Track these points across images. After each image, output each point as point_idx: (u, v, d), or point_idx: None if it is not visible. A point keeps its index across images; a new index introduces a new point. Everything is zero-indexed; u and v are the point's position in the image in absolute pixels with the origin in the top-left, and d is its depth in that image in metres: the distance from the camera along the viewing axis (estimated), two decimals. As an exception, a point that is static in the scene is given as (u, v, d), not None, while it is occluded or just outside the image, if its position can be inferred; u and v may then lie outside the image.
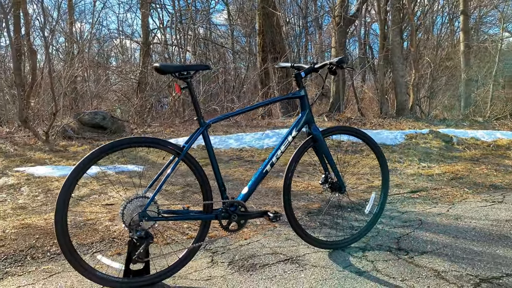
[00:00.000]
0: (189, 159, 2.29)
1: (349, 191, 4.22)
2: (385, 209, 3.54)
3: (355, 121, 8.88)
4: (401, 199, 4.00)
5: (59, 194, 2.01)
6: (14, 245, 2.87)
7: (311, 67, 2.55)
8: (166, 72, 2.20)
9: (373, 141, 2.82)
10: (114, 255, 2.67)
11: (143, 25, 13.98)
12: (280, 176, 4.91)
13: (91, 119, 8.56)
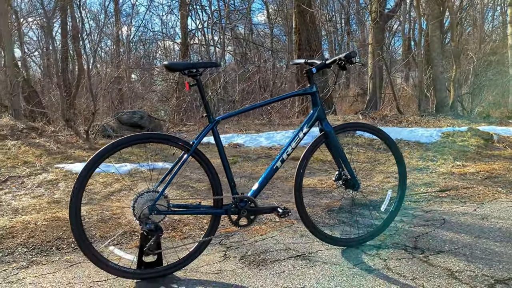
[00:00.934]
0: (198, 154, 2.35)
1: (374, 189, 4.16)
2: (408, 208, 3.48)
3: (391, 119, 8.68)
4: (428, 198, 3.89)
5: (73, 188, 2.12)
6: (43, 236, 3.04)
7: (322, 63, 2.55)
8: (175, 70, 2.27)
9: (388, 137, 2.77)
10: (133, 247, 2.78)
11: (182, 26, 14.30)
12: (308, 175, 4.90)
13: (129, 118, 8.86)
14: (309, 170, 5.09)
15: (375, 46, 10.06)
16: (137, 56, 22.55)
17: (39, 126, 9.05)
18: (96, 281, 2.30)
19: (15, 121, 9.34)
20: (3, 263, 2.62)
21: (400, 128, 7.34)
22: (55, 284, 2.29)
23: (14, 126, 8.85)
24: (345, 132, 2.70)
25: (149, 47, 22.74)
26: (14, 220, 3.45)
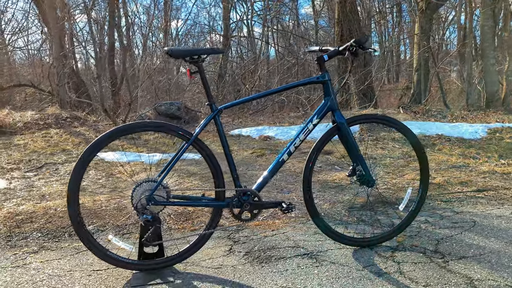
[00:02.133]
0: (199, 144, 2.26)
1: (403, 186, 3.92)
2: (437, 208, 3.25)
3: (434, 113, 8.22)
4: (462, 198, 3.61)
5: (70, 178, 2.10)
6: (59, 222, 3.09)
7: (335, 49, 2.38)
8: (177, 56, 2.18)
9: (408, 130, 2.56)
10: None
11: (224, 18, 14.30)
12: (334, 169, 4.73)
13: (166, 109, 8.96)
14: (337, 164, 4.90)
15: (421, 36, 9.55)
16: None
17: (82, 116, 9.36)
18: (97, 270, 2.29)
19: (61, 110, 9.72)
20: (16, 247, 2.67)
21: (442, 123, 6.93)
22: (57, 270, 2.29)
23: (59, 115, 9.21)
24: (361, 124, 2.51)
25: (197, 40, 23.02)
26: (38, 205, 3.53)
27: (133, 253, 2.32)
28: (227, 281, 2.14)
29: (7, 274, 2.25)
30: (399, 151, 5.49)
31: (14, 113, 9.39)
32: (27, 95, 15.15)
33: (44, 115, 9.25)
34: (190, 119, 9.01)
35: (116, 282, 2.14)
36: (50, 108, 10.13)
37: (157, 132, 2.28)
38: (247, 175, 4.54)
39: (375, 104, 10.64)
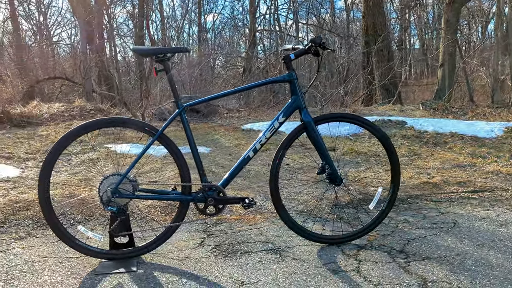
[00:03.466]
0: (164, 139, 2.35)
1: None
2: (424, 208, 3.22)
3: (455, 110, 8.00)
4: (454, 199, 3.54)
5: (40, 171, 2.23)
6: (51, 211, 3.26)
7: (302, 48, 2.40)
8: (142, 55, 2.27)
9: (377, 129, 2.55)
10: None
11: (250, 12, 14.33)
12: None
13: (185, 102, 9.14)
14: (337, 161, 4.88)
15: (446, 30, 9.26)
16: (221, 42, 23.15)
17: (105, 108, 9.68)
18: (70, 257, 2.42)
19: (86, 102, 10.09)
20: (5, 233, 2.85)
21: (458, 121, 6.74)
22: (33, 256, 2.44)
23: (83, 107, 9.57)
24: (327, 123, 2.51)
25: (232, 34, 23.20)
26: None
27: (104, 242, 2.44)
28: (186, 273, 2.22)
29: (-12, 258, 2.42)
30: (406, 149, 5.41)
31: (43, 105, 9.82)
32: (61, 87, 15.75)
33: (70, 107, 9.64)
34: (208, 112, 9.16)
35: (83, 270, 2.27)
36: (77, 101, 10.53)
37: (123, 127, 2.37)
38: (245, 169, 4.60)
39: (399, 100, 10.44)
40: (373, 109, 8.37)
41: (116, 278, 2.18)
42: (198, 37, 24.62)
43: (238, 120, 8.12)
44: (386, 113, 7.65)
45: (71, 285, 2.10)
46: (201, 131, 7.14)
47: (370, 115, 7.41)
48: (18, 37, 17.35)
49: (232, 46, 20.88)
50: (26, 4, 18.33)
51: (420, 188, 3.84)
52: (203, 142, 6.34)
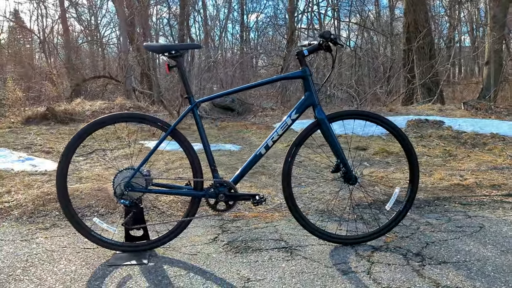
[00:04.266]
0: (177, 135, 2.37)
1: (425, 187, 3.74)
2: (451, 210, 3.10)
3: (500, 110, 7.60)
4: (486, 202, 3.36)
5: (58, 164, 2.32)
6: (78, 203, 3.38)
7: (315, 44, 2.35)
8: (154, 51, 2.31)
9: (394, 127, 2.46)
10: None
11: (289, 9, 14.26)
12: (363, 166, 4.61)
13: (221, 101, 9.22)
14: (367, 160, 4.77)
15: (492, 26, 8.81)
16: (263, 41, 23.23)
17: (144, 106, 9.94)
18: (87, 248, 2.50)
19: (126, 100, 10.41)
20: (33, 223, 2.99)
21: (500, 121, 6.40)
22: (53, 246, 2.55)
23: (123, 105, 9.86)
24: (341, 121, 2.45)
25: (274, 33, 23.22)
26: (70, 187, 3.88)
27: (122, 235, 2.50)
28: (195, 267, 2.24)
29: (12, 246, 2.54)
30: (441, 150, 5.19)
31: (86, 102, 10.22)
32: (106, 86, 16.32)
33: (111, 104, 9.97)
34: (243, 111, 9.21)
35: (97, 260, 2.34)
36: (118, 98, 10.88)
37: (138, 123, 2.42)
38: (271, 167, 4.59)
39: (440, 99, 10.07)
40: (410, 108, 8.11)
41: (127, 270, 2.23)
42: (240, 37, 24.84)
43: (271, 118, 8.11)
44: (424, 113, 7.39)
45: (84, 275, 2.17)
46: (233, 129, 7.19)
47: (406, 114, 7.19)
48: (68, 38, 18.14)
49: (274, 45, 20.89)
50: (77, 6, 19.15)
51: (450, 190, 3.68)
52: (234, 140, 6.38)
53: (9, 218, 3.11)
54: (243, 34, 24.54)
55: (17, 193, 3.71)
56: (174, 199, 3.39)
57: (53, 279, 2.11)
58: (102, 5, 19.96)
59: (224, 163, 4.82)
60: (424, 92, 10.02)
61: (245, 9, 23.90)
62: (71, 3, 17.92)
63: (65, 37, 17.63)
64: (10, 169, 4.76)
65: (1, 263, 2.30)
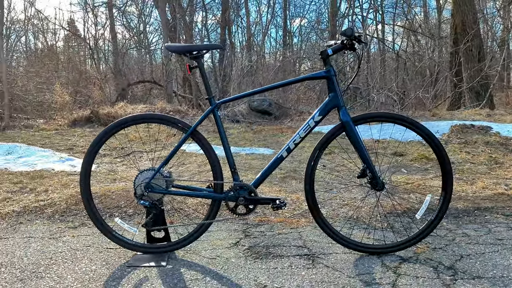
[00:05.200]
0: (197, 136, 2.34)
1: (467, 196, 3.52)
2: (492, 222, 2.89)
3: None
4: (533, 213, 3.11)
5: (82, 163, 2.35)
6: (107, 203, 3.44)
7: (339, 43, 2.25)
8: (176, 52, 2.29)
9: (426, 131, 2.31)
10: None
11: (331, 12, 14.08)
12: (400, 172, 4.42)
13: (258, 105, 9.20)
14: (405, 167, 4.57)
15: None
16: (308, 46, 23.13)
17: (184, 110, 10.09)
18: (110, 248, 2.52)
19: (166, 104, 10.61)
20: (63, 222, 3.06)
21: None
22: (79, 245, 2.58)
23: (164, 109, 10.05)
24: (368, 123, 2.33)
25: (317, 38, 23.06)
26: (103, 188, 3.97)
27: (140, 235, 2.50)
28: (212, 272, 2.19)
29: (39, 243, 2.60)
30: (486, 157, 4.89)
31: (129, 106, 10.51)
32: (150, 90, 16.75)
33: (152, 108, 10.19)
34: (280, 115, 9.14)
35: (117, 261, 2.34)
36: (159, 102, 11.12)
37: (159, 124, 2.41)
38: (303, 172, 4.48)
39: (490, 104, 9.57)
40: (456, 113, 7.73)
41: (145, 271, 2.21)
42: (283, 42, 24.79)
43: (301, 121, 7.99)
44: (470, 118, 7.02)
45: (103, 275, 2.17)
46: (269, 133, 7.14)
47: (450, 119, 6.86)
48: (115, 44, 18.80)
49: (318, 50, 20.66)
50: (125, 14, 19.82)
51: (493, 200, 3.44)
52: (268, 143, 6.32)
53: (42, 216, 3.20)
54: (285, 39, 24.48)
55: (53, 192, 3.82)
56: (201, 201, 3.37)
57: (72, 278, 2.13)
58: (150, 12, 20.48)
59: (256, 167, 4.76)
60: (472, 96, 9.54)
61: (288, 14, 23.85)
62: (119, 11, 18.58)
63: (113, 43, 18.27)
64: (51, 169, 4.94)
65: (27, 260, 2.35)
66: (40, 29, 22.37)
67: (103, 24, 19.61)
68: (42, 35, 22.81)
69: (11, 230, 2.88)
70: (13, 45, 21.42)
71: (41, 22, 21.84)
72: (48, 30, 22.52)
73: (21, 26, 22.35)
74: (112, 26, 18.36)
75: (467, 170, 4.38)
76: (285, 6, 22.76)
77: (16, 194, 3.79)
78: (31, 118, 10.51)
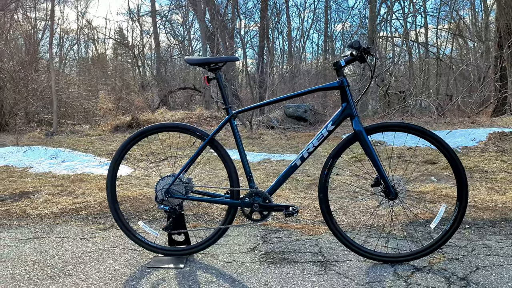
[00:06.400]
0: (215, 144, 2.45)
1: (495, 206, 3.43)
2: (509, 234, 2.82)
3: None
4: None
5: (108, 169, 2.52)
6: (137, 206, 3.62)
7: (349, 55, 2.29)
8: (195, 64, 2.41)
9: (441, 141, 2.29)
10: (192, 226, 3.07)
11: (370, 18, 13.93)
12: (429, 180, 4.35)
13: (294, 111, 9.27)
14: (435, 175, 4.49)
15: None
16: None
17: (220, 116, 10.30)
18: (134, 249, 2.67)
19: (204, 110, 10.86)
20: (95, 223, 3.26)
21: None
22: (106, 246, 2.75)
23: (201, 115, 10.31)
24: (381, 133, 2.35)
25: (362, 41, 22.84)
26: (136, 191, 4.17)
27: (164, 238, 2.64)
28: (226, 275, 2.29)
29: (71, 243, 2.80)
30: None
31: (168, 112, 10.85)
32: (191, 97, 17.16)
33: (190, 114, 10.48)
34: (315, 121, 9.15)
35: (139, 262, 2.49)
36: (198, 108, 11.41)
37: (179, 132, 2.54)
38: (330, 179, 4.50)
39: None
40: (496, 120, 7.45)
41: (163, 272, 2.34)
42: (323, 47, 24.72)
43: (342, 128, 7.95)
44: (511, 125, 6.75)
45: (124, 274, 2.32)
46: (302, 139, 7.17)
47: (489, 127, 6.63)
48: (159, 52, 19.43)
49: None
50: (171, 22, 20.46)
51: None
52: (299, 150, 6.31)
53: (77, 217, 3.42)
54: (326, 45, 24.40)
55: (89, 195, 4.06)
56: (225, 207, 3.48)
57: (96, 276, 2.29)
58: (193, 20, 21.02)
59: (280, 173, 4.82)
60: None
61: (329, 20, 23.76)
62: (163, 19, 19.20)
63: (156, 51, 18.89)
64: (90, 173, 5.22)
65: (58, 258, 2.54)
66: (91, 38, 23.52)
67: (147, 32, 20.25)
68: (92, 44, 23.99)
69: (48, 230, 3.10)
70: (66, 54, 22.63)
71: (92, 31, 22.97)
72: (97, 39, 23.61)
73: (74, 35, 23.58)
74: (155, 34, 19.02)
75: (500, 179, 4.25)
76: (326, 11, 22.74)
77: (56, 196, 4.06)
78: (78, 124, 11.08)
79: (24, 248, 2.72)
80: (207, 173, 5.21)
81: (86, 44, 24.96)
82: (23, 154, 6.26)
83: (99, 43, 24.39)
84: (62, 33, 23.20)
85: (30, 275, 2.30)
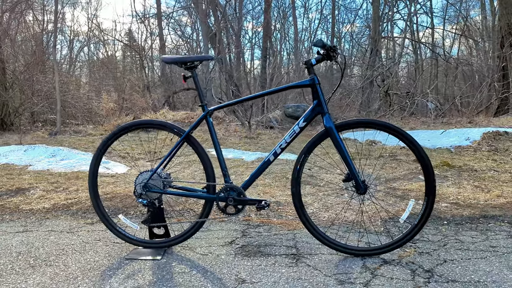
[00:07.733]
0: (191, 140, 2.53)
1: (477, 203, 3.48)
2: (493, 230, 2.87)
3: None
4: (542, 222, 3.03)
5: (90, 165, 2.61)
6: (126, 202, 3.72)
7: (317, 55, 2.36)
8: (171, 63, 2.50)
9: (410, 138, 2.35)
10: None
11: (373, 18, 13.95)
12: (417, 179, 4.40)
13: (293, 111, 9.33)
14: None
15: None
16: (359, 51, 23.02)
17: (221, 116, 10.37)
18: (116, 242, 2.76)
19: (205, 111, 10.92)
20: (84, 218, 3.36)
21: None
22: (90, 239, 2.85)
23: (202, 115, 10.38)
24: (351, 130, 2.41)
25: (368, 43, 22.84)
26: (127, 188, 4.27)
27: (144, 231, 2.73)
28: (200, 266, 2.37)
29: (57, 236, 2.90)
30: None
31: (170, 112, 10.96)
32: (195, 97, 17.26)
33: (191, 114, 10.58)
34: (314, 121, 9.21)
35: (119, 253, 2.57)
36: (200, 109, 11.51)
37: (157, 129, 2.63)
38: (320, 177, 4.56)
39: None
40: (493, 120, 7.44)
41: (140, 263, 2.42)
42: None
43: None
44: (507, 125, 6.75)
45: (103, 265, 2.40)
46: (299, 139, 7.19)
47: (485, 126, 6.64)
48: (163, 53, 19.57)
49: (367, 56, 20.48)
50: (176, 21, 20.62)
51: (504, 208, 3.37)
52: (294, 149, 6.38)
53: (67, 212, 3.52)
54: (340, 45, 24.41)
55: (82, 192, 4.16)
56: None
57: (75, 267, 2.38)
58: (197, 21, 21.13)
59: (275, 172, 4.90)
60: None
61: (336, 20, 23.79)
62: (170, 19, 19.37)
63: (161, 52, 19.04)
64: (87, 171, 5.32)
65: (42, 250, 2.64)
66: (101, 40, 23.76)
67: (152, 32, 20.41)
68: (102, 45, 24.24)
69: (37, 224, 3.21)
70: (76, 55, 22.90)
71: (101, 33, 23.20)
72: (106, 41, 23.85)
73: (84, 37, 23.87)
74: (160, 35, 19.18)
75: (488, 178, 4.28)
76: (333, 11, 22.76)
77: (50, 192, 4.17)
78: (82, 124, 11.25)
79: (12, 241, 2.82)
80: (202, 171, 5.30)
81: (96, 45, 25.23)
82: (24, 152, 6.40)
83: (109, 44, 24.65)
84: (72, 36, 23.53)
85: (13, 265, 2.40)
